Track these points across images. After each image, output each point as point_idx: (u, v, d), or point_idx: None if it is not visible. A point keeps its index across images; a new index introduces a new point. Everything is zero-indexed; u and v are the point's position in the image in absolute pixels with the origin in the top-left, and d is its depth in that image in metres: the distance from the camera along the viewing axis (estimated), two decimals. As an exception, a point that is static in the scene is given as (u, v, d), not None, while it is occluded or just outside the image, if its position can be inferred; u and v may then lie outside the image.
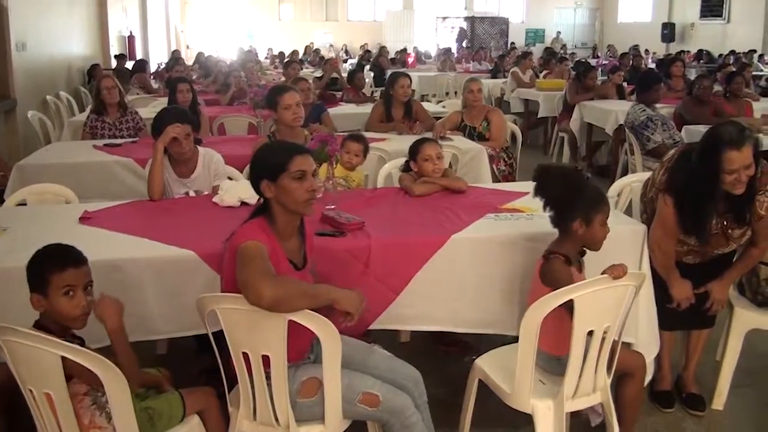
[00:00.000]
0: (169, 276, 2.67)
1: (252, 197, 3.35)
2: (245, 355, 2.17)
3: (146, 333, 2.69)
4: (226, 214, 3.26)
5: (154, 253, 2.71)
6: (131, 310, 2.35)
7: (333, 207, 3.05)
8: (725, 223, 2.95)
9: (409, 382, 2.47)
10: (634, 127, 5.92)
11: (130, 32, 15.49)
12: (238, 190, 3.40)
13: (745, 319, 3.23)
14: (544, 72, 11.65)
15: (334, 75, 9.83)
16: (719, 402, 3.29)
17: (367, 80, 10.49)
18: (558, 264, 2.51)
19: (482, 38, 25.51)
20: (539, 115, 9.45)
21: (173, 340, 3.19)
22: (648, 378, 3.09)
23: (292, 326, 2.09)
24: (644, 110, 5.90)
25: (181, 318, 2.67)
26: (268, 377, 2.18)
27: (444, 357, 3.65)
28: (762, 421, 3.24)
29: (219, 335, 2.21)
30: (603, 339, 2.40)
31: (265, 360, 2.15)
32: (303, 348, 2.40)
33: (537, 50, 20.78)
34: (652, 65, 13.88)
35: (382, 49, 16.40)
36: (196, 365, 3.26)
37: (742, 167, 2.77)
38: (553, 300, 2.30)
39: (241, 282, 2.07)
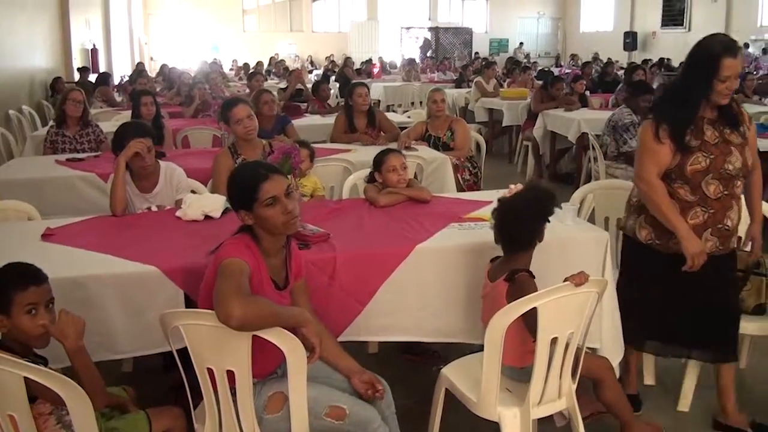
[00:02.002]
0: (132, 293, 2.64)
1: (215, 210, 3.35)
2: (210, 371, 2.15)
3: (110, 352, 2.65)
4: (189, 228, 3.25)
5: (116, 270, 2.68)
6: (95, 329, 2.32)
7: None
8: (722, 128, 2.91)
9: (376, 394, 2.47)
10: (616, 126, 6.02)
11: (93, 45, 15.35)
12: (201, 203, 3.38)
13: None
14: (508, 81, 11.79)
15: (299, 86, 9.81)
16: (685, 403, 3.34)
17: (332, 91, 10.50)
18: (528, 279, 2.52)
19: (446, 48, 25.73)
20: (503, 124, 9.55)
21: (140, 357, 3.15)
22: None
23: (259, 342, 2.08)
24: (631, 114, 6.02)
25: (145, 335, 2.64)
26: (234, 393, 2.17)
27: (412, 367, 3.66)
28: (723, 420, 3.29)
29: (186, 351, 2.19)
30: (567, 345, 2.43)
31: (231, 375, 2.14)
32: (270, 363, 2.39)
33: (501, 60, 21.01)
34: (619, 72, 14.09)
35: (347, 60, 16.43)
36: (165, 383, 3.23)
37: (734, 75, 2.79)
38: (518, 308, 2.32)
39: (214, 297, 2.07)
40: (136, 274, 2.66)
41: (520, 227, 2.57)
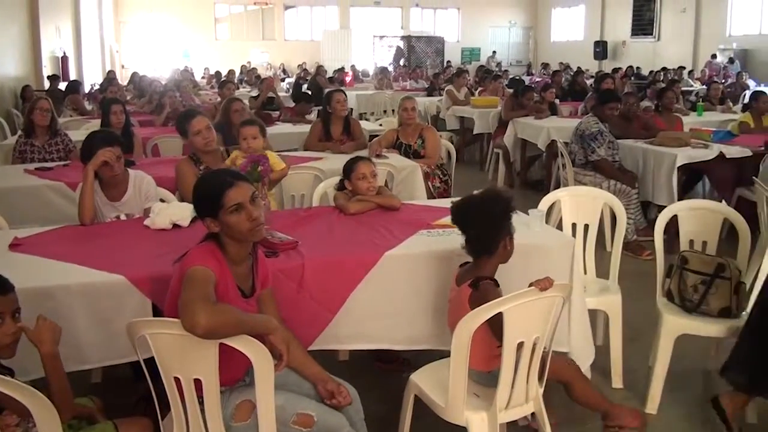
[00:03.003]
0: (100, 302, 2.63)
1: (183, 219, 3.34)
2: (177, 380, 2.14)
3: (78, 362, 2.63)
4: (157, 237, 3.24)
5: (84, 280, 2.66)
6: (62, 339, 2.30)
7: (266, 227, 3.04)
8: None
9: (345, 400, 2.48)
10: (583, 135, 6.07)
11: (64, 52, 15.21)
12: (170, 212, 3.37)
13: (674, 325, 3.33)
14: (479, 90, 11.89)
15: (271, 94, 9.81)
16: (653, 406, 3.38)
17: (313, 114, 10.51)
18: (490, 287, 2.54)
19: (419, 57, 25.89)
20: (474, 132, 9.64)
21: (109, 367, 3.13)
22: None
23: (227, 350, 2.08)
24: (598, 123, 6.08)
25: (113, 345, 2.62)
26: (201, 402, 2.16)
27: (383, 374, 3.67)
28: (694, 422, 3.35)
29: (155, 361, 2.18)
30: (534, 350, 2.46)
31: (198, 384, 2.14)
32: (237, 371, 2.39)
33: (474, 68, 21.20)
34: (589, 81, 14.29)
35: (320, 68, 16.46)
36: (133, 393, 3.21)
37: None
38: (484, 313, 2.34)
39: (179, 305, 2.06)
40: (104, 284, 2.65)
41: (476, 223, 2.61)
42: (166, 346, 2.10)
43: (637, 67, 20.20)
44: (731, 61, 19.52)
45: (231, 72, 16.84)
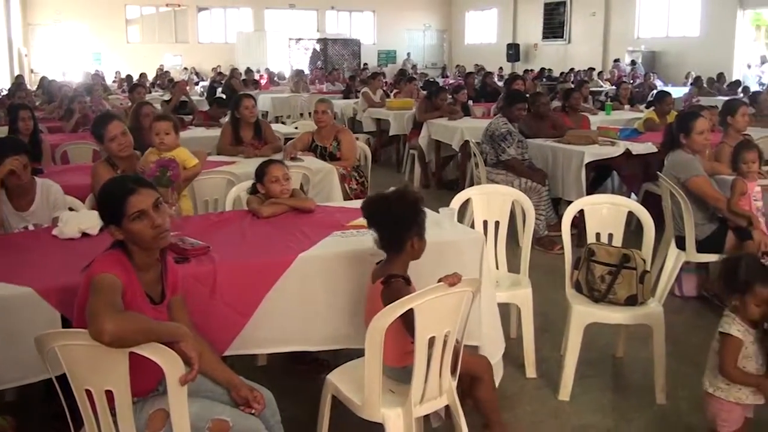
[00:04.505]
0: (8, 317, 2.52)
1: (92, 227, 3.25)
2: (89, 393, 2.10)
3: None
4: (66, 246, 3.14)
5: (-10, 293, 2.54)
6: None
7: (177, 233, 3.00)
8: None
9: (260, 404, 2.47)
10: (493, 136, 6.21)
11: (-32, 57, 14.51)
12: (78, 220, 3.28)
13: (583, 314, 3.46)
14: (394, 91, 11.99)
15: (184, 98, 9.64)
16: (565, 393, 3.51)
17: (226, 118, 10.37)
18: (400, 285, 2.58)
19: (335, 59, 25.88)
20: (390, 134, 9.72)
21: (24, 385, 3.01)
22: (497, 379, 3.27)
23: (138, 359, 2.05)
24: (506, 123, 6.22)
25: (23, 363, 2.49)
26: (114, 413, 2.12)
27: (301, 377, 3.67)
28: (604, 407, 3.49)
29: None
30: (445, 344, 2.51)
31: (110, 395, 2.09)
32: (149, 380, 2.35)
33: (391, 70, 21.38)
34: (500, 83, 14.61)
35: (234, 71, 16.23)
36: (48, 410, 3.10)
37: None
38: (396, 309, 2.38)
39: (86, 315, 2.02)
40: (11, 297, 2.54)
41: (383, 221, 2.66)
42: (75, 357, 2.05)
43: (549, 69, 20.81)
44: (633, 63, 20.33)
45: (143, 76, 16.45)
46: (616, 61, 20.93)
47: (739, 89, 13.72)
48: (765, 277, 2.56)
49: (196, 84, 18.10)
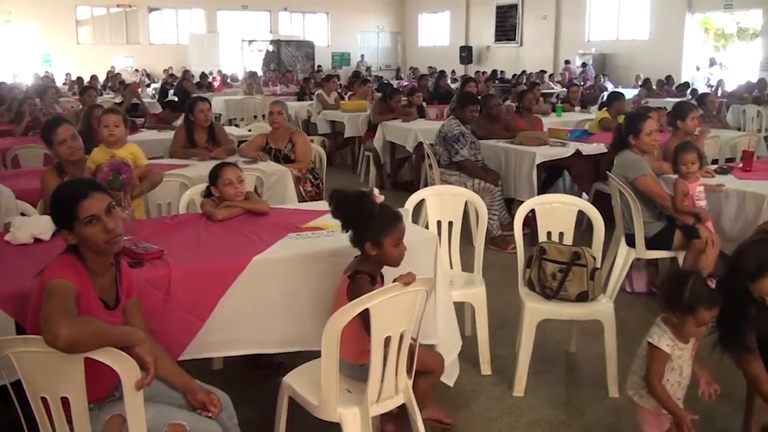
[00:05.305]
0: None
1: (45, 232, 3.20)
2: (45, 400, 2.07)
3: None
4: (19, 252, 3.07)
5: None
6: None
7: (130, 237, 2.97)
8: None
9: (216, 408, 2.47)
10: (446, 138, 6.27)
11: None
12: (31, 226, 3.21)
13: (536, 311, 3.53)
14: (349, 94, 12.01)
15: (135, 101, 9.51)
16: (520, 389, 3.58)
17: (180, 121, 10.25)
18: (364, 282, 2.61)
19: (289, 61, 25.77)
20: (345, 136, 9.74)
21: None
22: (453, 377, 3.32)
23: (94, 365, 2.03)
24: (459, 125, 6.29)
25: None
26: (71, 421, 2.10)
27: (259, 380, 3.66)
28: (558, 402, 3.57)
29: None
30: (401, 343, 2.54)
31: (66, 403, 2.08)
32: (105, 386, 2.33)
33: (344, 72, 21.37)
34: (454, 85, 14.74)
35: (186, 73, 16.04)
36: (4, 420, 3.03)
37: None
38: (351, 310, 2.40)
39: (40, 321, 2.00)
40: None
41: (342, 216, 2.69)
42: (30, 364, 2.03)
43: (501, 71, 21.07)
44: (584, 65, 20.70)
45: (94, 78, 16.15)
46: (567, 62, 21.28)
47: (688, 91, 14.07)
48: (710, 301, 2.48)
49: (148, 86, 17.86)
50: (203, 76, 16.43)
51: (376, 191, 2.77)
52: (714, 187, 4.64)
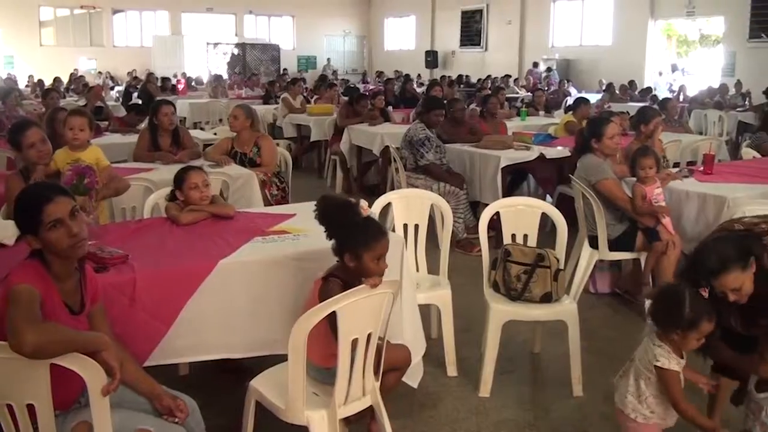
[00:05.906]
0: None
1: (8, 237, 3.15)
2: (10, 408, 2.05)
3: None
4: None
5: None
6: None
7: (95, 242, 2.95)
8: None
9: (183, 413, 2.46)
10: (412, 142, 6.31)
11: None
12: (-7, 230, 3.18)
13: (501, 312, 3.58)
14: (315, 97, 12.00)
15: (99, 104, 9.39)
16: (485, 389, 3.61)
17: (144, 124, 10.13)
18: (335, 285, 2.61)
19: (254, 64, 25.65)
20: (311, 140, 9.73)
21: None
22: (417, 379, 3.34)
23: (60, 371, 2.02)
24: (424, 129, 6.33)
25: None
26: (36, 428, 2.08)
27: (226, 385, 3.62)
28: (524, 401, 3.62)
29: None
30: (368, 345, 2.56)
31: (32, 410, 2.06)
32: (71, 393, 2.30)
33: (310, 76, 21.33)
34: (419, 89, 14.81)
35: (150, 76, 15.90)
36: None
37: None
38: (318, 313, 2.41)
39: (6, 327, 1.98)
40: None
41: (327, 215, 2.69)
42: (-5, 372, 2.01)
43: (467, 76, 21.24)
44: (549, 70, 20.95)
45: (57, 80, 15.92)
46: (535, 65, 21.49)
47: (649, 96, 14.33)
48: (709, 312, 2.44)
49: (112, 89, 17.65)
50: (165, 80, 16.27)
51: (364, 203, 2.72)
52: (675, 175, 4.87)
